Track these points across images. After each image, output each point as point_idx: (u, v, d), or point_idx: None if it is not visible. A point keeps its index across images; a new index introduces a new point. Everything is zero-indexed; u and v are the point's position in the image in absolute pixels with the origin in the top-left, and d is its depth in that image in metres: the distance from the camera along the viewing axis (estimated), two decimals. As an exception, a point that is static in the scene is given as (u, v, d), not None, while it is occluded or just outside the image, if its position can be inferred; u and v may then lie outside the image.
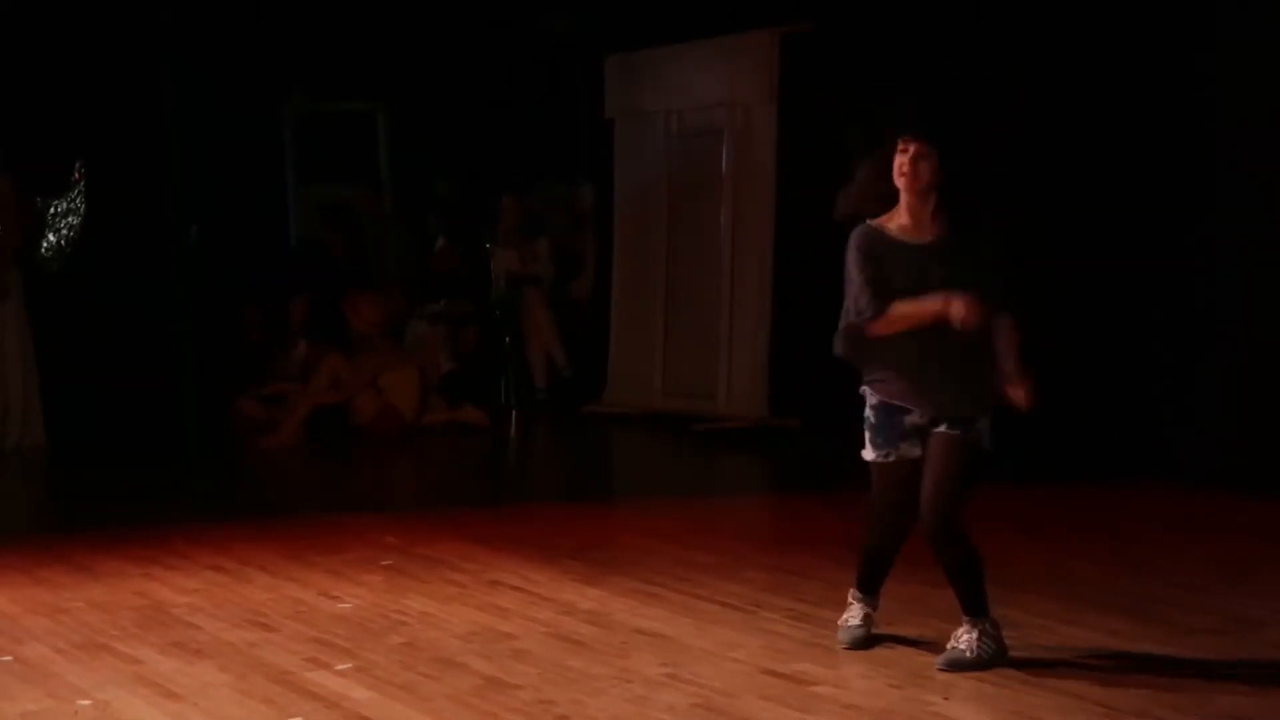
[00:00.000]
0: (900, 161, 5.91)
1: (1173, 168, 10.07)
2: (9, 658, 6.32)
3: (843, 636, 6.31)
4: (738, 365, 12.84)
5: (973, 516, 6.10)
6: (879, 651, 6.21)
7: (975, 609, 6.02)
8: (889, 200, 5.99)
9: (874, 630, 6.33)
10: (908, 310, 5.88)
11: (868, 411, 6.10)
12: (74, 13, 11.87)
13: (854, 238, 6.01)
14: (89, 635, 6.63)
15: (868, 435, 6.11)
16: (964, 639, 5.99)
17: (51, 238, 12.20)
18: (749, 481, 11.43)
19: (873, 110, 6.00)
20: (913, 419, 6.02)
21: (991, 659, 5.99)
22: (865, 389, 6.12)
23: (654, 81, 13.49)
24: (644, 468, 12.13)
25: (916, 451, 6.02)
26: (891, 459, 6.05)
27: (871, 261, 5.93)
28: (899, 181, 5.93)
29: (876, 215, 6.02)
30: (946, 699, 5.62)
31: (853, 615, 6.36)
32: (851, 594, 6.41)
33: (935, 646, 6.12)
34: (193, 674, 6.05)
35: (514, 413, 13.87)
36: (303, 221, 15.11)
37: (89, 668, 6.15)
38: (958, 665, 5.94)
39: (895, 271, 5.91)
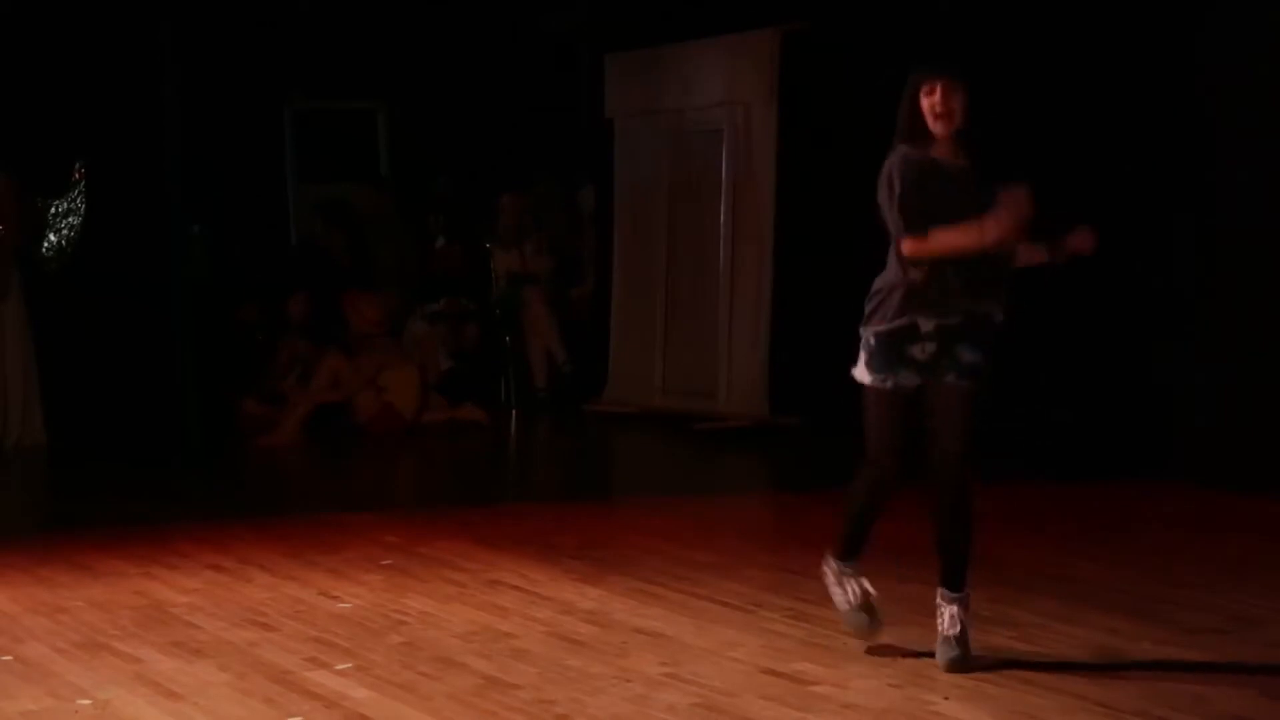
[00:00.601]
0: (931, 102, 5.88)
1: (1174, 167, 10.07)
2: (9, 657, 6.32)
3: (852, 622, 6.17)
4: (738, 364, 12.84)
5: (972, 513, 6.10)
6: (879, 651, 6.21)
7: (963, 581, 6.01)
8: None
9: (874, 599, 6.20)
10: (950, 239, 5.79)
11: (869, 337, 5.95)
12: (74, 12, 11.87)
13: (891, 158, 5.92)
14: (89, 634, 6.63)
15: (864, 357, 5.95)
16: (950, 620, 5.98)
17: (52, 238, 12.21)
18: (749, 480, 11.42)
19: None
20: (914, 351, 5.90)
21: (969, 624, 6.01)
22: (864, 336, 5.99)
23: (654, 81, 13.49)
24: (644, 467, 12.14)
25: (913, 383, 5.91)
26: (889, 385, 5.91)
27: (909, 177, 5.84)
28: (935, 124, 5.88)
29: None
30: (946, 699, 5.62)
31: (849, 593, 6.20)
32: (833, 567, 6.23)
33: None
34: (193, 673, 6.05)
35: (514, 411, 13.88)
36: (303, 220, 15.12)
37: (89, 667, 6.16)
38: (962, 662, 5.93)
39: (942, 190, 5.84)
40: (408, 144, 15.48)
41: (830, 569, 6.29)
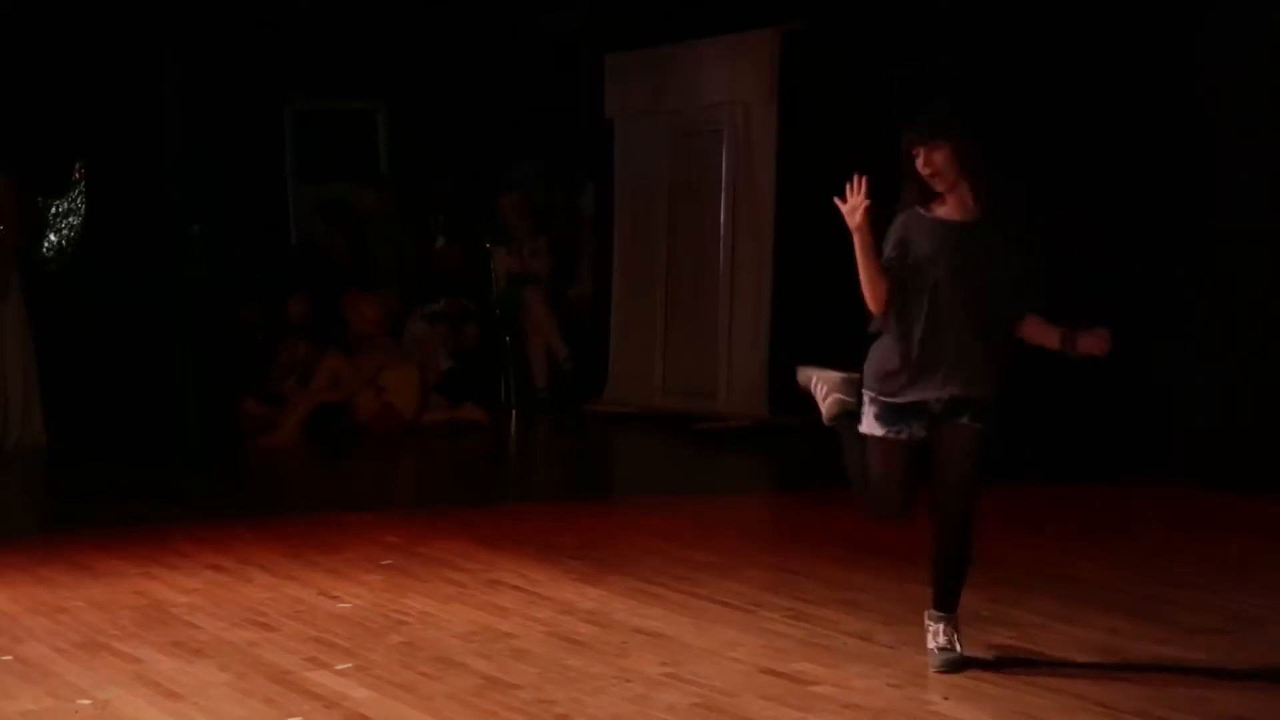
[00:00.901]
0: (919, 166, 5.93)
1: (1173, 166, 10.07)
2: (9, 657, 6.33)
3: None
4: (738, 364, 12.84)
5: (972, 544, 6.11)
6: (879, 651, 6.21)
7: (955, 604, 6.05)
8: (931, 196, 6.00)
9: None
10: (861, 267, 5.90)
11: (879, 406, 5.98)
12: (74, 12, 11.87)
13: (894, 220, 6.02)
14: (89, 634, 6.63)
15: (872, 411, 5.99)
16: (944, 636, 6.02)
17: (52, 238, 12.21)
18: (749, 480, 11.42)
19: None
20: (929, 404, 5.91)
21: (959, 638, 6.04)
22: (870, 387, 6.02)
23: (654, 81, 13.48)
24: (644, 467, 12.13)
25: (922, 434, 5.93)
26: (904, 436, 5.94)
27: (893, 243, 5.94)
28: (932, 183, 5.94)
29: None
30: (946, 699, 5.62)
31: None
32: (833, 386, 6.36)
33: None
34: (193, 673, 6.05)
35: (514, 411, 13.87)
36: (303, 220, 15.12)
37: (89, 667, 6.16)
38: (955, 665, 5.96)
39: (932, 246, 5.89)
40: (408, 144, 15.48)
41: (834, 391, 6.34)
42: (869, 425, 6.01)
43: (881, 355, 5.99)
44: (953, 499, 5.95)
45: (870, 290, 5.91)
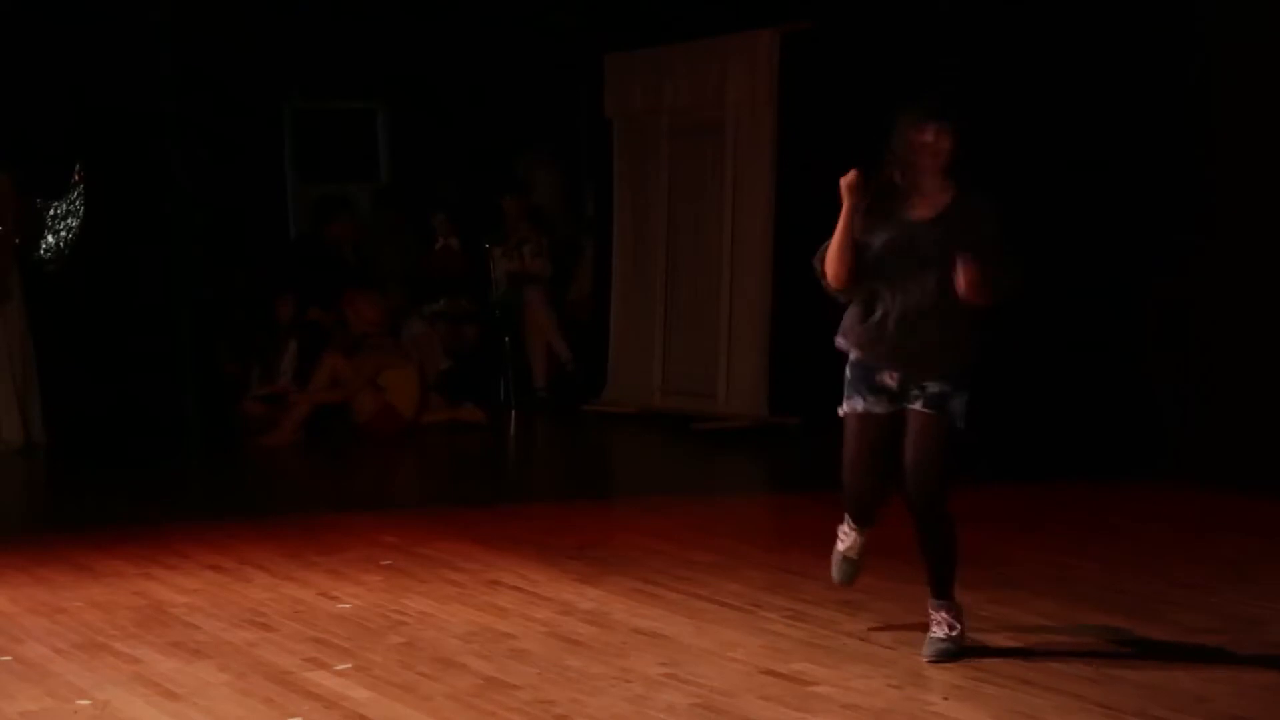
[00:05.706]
0: (922, 142, 6.00)
1: (1172, 165, 10.07)
2: (8, 657, 6.33)
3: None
4: (738, 364, 12.83)
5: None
6: (879, 651, 6.22)
7: (948, 591, 6.14)
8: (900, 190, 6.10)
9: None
10: (835, 235, 6.11)
11: (847, 368, 6.19)
12: (74, 12, 11.87)
13: None
14: (88, 635, 6.64)
15: (845, 391, 6.20)
16: (942, 624, 6.09)
17: (50, 239, 12.21)
18: (749, 480, 11.42)
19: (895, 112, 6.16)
20: (884, 379, 6.08)
21: (963, 637, 6.10)
22: (839, 340, 6.21)
23: (654, 81, 13.48)
24: (644, 467, 12.13)
25: (880, 410, 6.09)
26: (860, 409, 6.12)
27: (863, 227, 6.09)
28: (923, 162, 6.02)
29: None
30: (946, 699, 5.62)
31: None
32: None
33: (935, 646, 6.12)
34: (192, 674, 6.05)
35: (513, 411, 13.87)
36: (302, 220, 15.13)
37: (88, 667, 6.16)
38: (947, 655, 6.00)
39: (885, 237, 6.05)
40: (408, 144, 15.48)
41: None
42: (842, 403, 6.18)
43: (853, 314, 6.19)
44: (911, 484, 6.05)
45: (835, 261, 6.12)
